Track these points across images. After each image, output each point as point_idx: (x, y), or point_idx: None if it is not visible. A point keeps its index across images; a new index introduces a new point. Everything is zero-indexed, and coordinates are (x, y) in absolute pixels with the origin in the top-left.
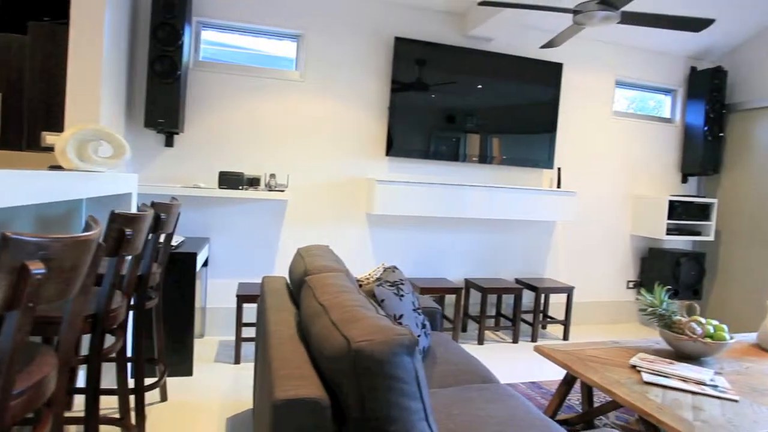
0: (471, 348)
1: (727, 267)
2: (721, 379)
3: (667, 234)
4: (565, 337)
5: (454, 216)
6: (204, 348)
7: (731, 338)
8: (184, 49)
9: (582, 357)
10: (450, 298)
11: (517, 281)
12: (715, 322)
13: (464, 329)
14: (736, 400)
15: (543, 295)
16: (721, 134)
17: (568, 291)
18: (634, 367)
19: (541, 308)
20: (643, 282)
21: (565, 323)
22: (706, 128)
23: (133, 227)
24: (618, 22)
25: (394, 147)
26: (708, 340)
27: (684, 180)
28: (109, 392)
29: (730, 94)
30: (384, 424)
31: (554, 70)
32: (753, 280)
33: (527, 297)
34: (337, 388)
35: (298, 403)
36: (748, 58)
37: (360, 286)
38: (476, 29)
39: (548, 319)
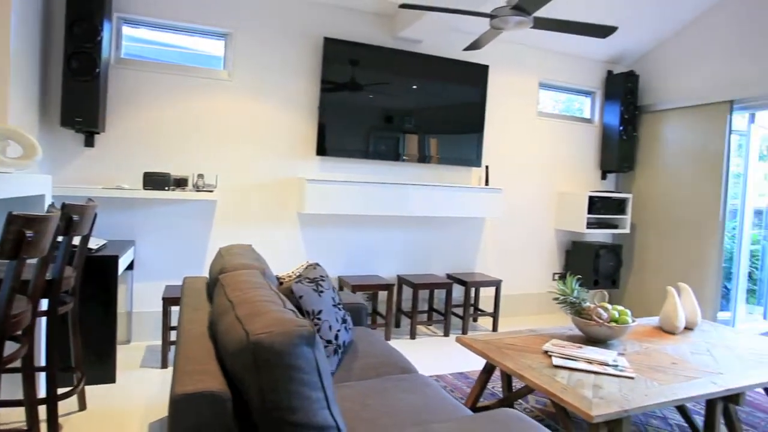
0: (403, 342)
1: (642, 257)
2: (622, 360)
3: (588, 228)
4: (495, 329)
5: (386, 214)
6: (130, 354)
7: (633, 321)
8: (103, 46)
9: (500, 346)
10: (383, 295)
11: (448, 276)
12: (620, 308)
13: (397, 325)
14: (632, 377)
15: (473, 289)
16: (635, 134)
17: (496, 284)
18: (546, 352)
19: (472, 302)
20: (568, 274)
21: (494, 315)
22: (621, 128)
23: (36, 229)
24: (531, 27)
25: (325, 146)
26: (613, 324)
27: (603, 177)
28: (20, 403)
29: (642, 96)
30: (285, 414)
31: (481, 72)
32: (664, 269)
33: (458, 291)
34: (240, 383)
35: (197, 396)
36: (656, 64)
37: (281, 283)
38: (405, 31)
39: (479, 312)
